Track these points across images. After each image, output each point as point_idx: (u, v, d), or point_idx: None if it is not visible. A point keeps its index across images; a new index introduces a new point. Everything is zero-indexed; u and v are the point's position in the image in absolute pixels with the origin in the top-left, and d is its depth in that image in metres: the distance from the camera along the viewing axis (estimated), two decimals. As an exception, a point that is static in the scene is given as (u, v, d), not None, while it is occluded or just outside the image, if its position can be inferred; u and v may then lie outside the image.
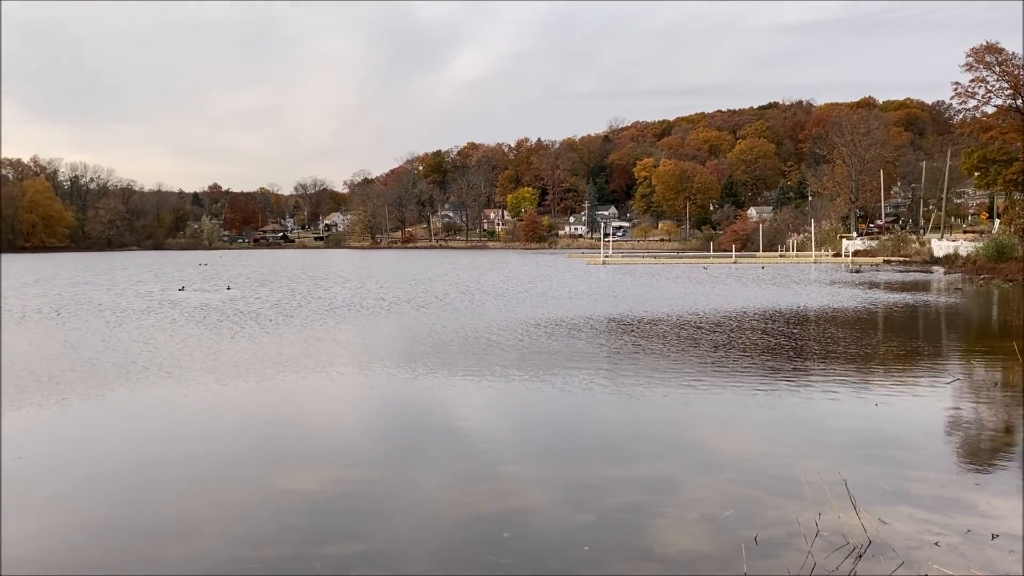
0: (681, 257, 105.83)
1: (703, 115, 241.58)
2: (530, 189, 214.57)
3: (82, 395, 14.76)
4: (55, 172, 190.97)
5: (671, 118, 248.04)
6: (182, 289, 45.65)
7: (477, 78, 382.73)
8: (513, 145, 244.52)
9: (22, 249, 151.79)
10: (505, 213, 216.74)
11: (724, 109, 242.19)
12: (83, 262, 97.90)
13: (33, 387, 15.44)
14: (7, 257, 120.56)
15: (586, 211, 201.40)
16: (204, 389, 15.33)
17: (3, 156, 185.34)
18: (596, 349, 20.80)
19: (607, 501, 8.71)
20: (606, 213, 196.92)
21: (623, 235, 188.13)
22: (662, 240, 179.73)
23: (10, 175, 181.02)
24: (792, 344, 21.65)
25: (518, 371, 17.24)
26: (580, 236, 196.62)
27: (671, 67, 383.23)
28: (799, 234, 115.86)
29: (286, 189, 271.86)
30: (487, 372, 17.07)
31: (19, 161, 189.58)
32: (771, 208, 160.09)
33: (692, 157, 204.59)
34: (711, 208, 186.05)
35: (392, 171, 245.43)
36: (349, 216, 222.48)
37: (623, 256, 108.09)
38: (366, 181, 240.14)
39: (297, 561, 7.05)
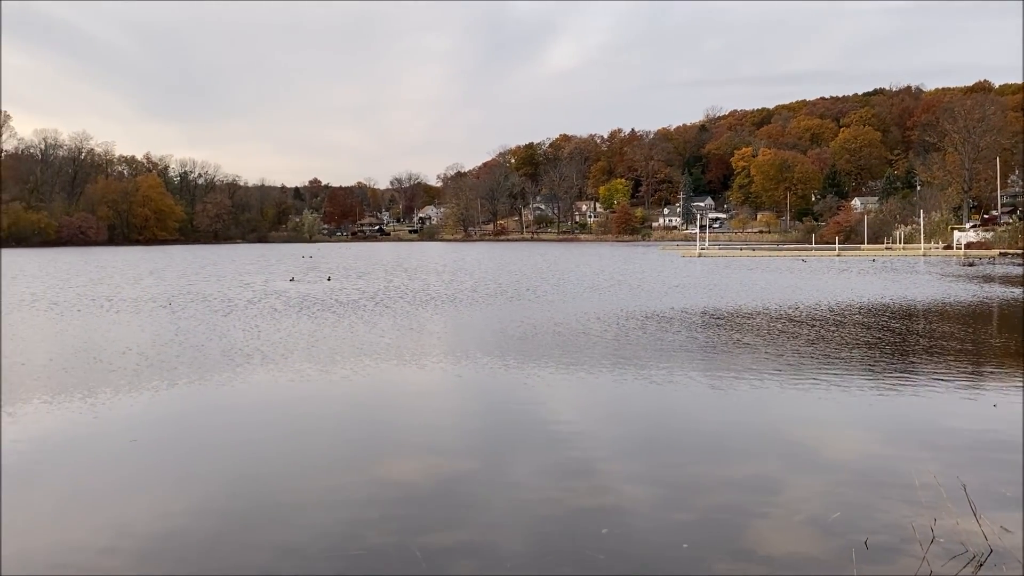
0: (781, 249, 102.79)
1: (804, 103, 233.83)
2: (623, 180, 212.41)
3: (192, 380, 15.38)
4: (166, 168, 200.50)
5: (771, 106, 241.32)
6: (292, 280, 47.57)
7: (571, 69, 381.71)
8: (606, 136, 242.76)
9: (136, 242, 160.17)
10: (597, 205, 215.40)
11: (827, 96, 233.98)
12: (192, 254, 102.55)
13: (147, 372, 16.21)
14: (124, 249, 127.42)
15: (681, 202, 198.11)
16: (305, 376, 15.77)
17: (117, 154, 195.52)
18: (690, 343, 20.39)
19: (706, 500, 8.48)
20: (702, 204, 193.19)
21: (720, 227, 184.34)
22: (761, 232, 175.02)
23: (125, 171, 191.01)
24: (899, 339, 20.70)
25: (610, 364, 17.06)
26: (675, 228, 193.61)
27: (772, 54, 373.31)
28: (907, 226, 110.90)
29: (382, 183, 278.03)
30: (579, 365, 16.95)
31: (132, 158, 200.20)
32: (876, 198, 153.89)
33: (793, 146, 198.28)
34: (812, 199, 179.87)
35: (485, 164, 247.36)
36: (442, 209, 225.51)
37: (720, 248, 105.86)
38: (459, 174, 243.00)
39: (398, 549, 7.13)
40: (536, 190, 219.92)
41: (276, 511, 8.24)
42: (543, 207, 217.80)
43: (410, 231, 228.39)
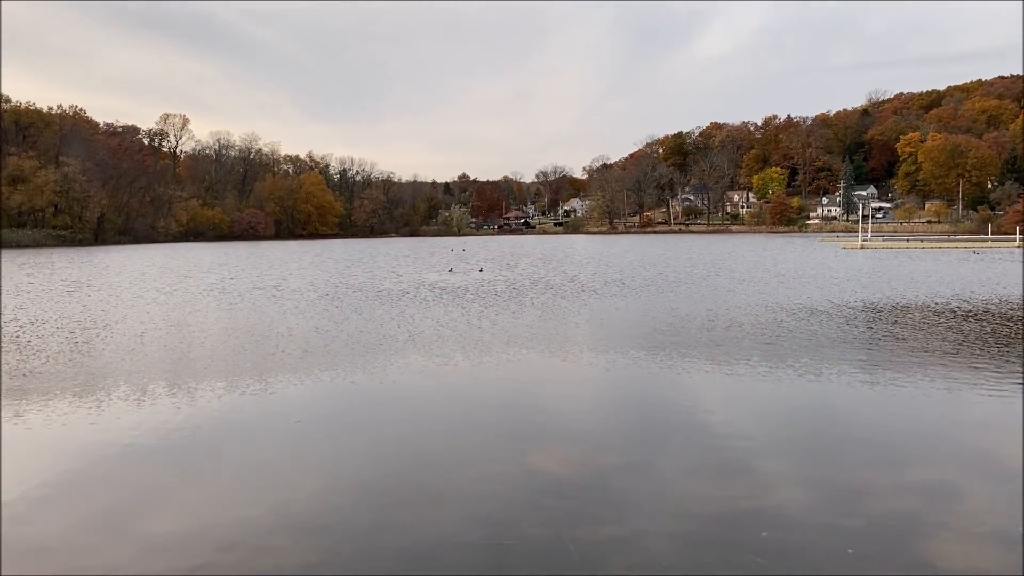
0: (953, 240, 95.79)
1: (980, 83, 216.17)
2: (778, 169, 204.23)
3: (351, 366, 16.04)
4: (327, 167, 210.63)
5: (941, 87, 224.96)
6: (451, 271, 49.62)
7: (723, 55, 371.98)
8: (760, 123, 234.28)
9: (299, 236, 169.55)
10: (750, 195, 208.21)
11: (1006, 75, 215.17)
12: (350, 247, 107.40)
13: (310, 357, 17.06)
14: (289, 243, 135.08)
15: (841, 192, 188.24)
16: (456, 365, 16.11)
17: (283, 153, 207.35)
18: (851, 338, 19.27)
19: (875, 506, 7.95)
20: (864, 193, 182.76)
21: (883, 217, 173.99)
22: (929, 222, 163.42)
23: (290, 170, 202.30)
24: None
25: (765, 358, 16.39)
26: (834, 219, 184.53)
27: (942, 31, 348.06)
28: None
29: (528, 176, 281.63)
30: (731, 359, 16.39)
31: (296, 157, 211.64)
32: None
33: (966, 130, 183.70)
34: (989, 186, 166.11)
35: (631, 155, 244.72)
36: (587, 202, 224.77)
37: (884, 240, 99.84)
38: (604, 166, 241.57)
39: (550, 541, 7.11)
40: (685, 181, 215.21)
41: (433, 497, 8.42)
42: (692, 198, 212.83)
43: (555, 224, 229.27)
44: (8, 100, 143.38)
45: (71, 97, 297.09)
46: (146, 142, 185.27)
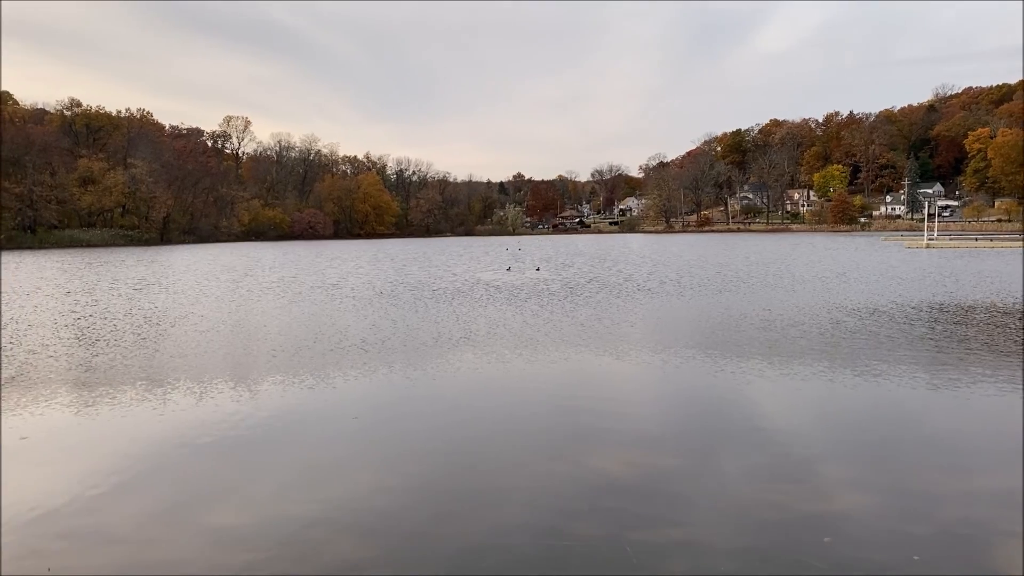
0: None
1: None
2: (840, 167, 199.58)
3: (407, 364, 16.19)
4: (384, 167, 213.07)
5: (1012, 81, 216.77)
6: (509, 269, 50.57)
7: (783, 51, 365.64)
8: (821, 120, 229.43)
9: (357, 236, 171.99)
10: (811, 193, 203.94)
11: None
12: (407, 246, 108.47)
13: (367, 354, 17.27)
14: (347, 243, 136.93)
15: (905, 189, 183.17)
16: (510, 363, 16.14)
17: (341, 154, 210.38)
18: (915, 340, 18.73)
19: (943, 513, 7.73)
20: (929, 191, 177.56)
21: (950, 215, 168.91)
22: (999, 221, 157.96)
23: (348, 170, 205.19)
24: None
25: (826, 360, 16.05)
26: (898, 217, 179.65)
27: (1013, 23, 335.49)
28: None
29: (583, 175, 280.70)
30: (790, 360, 16.08)
31: (355, 158, 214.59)
32: None
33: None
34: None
35: (688, 153, 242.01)
36: (643, 200, 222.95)
37: (951, 239, 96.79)
38: (661, 165, 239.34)
39: (607, 542, 7.08)
40: (743, 179, 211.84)
41: (489, 496, 8.45)
42: (751, 196, 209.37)
43: (610, 223, 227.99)
44: (79, 104, 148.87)
45: (139, 100, 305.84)
46: (209, 144, 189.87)
